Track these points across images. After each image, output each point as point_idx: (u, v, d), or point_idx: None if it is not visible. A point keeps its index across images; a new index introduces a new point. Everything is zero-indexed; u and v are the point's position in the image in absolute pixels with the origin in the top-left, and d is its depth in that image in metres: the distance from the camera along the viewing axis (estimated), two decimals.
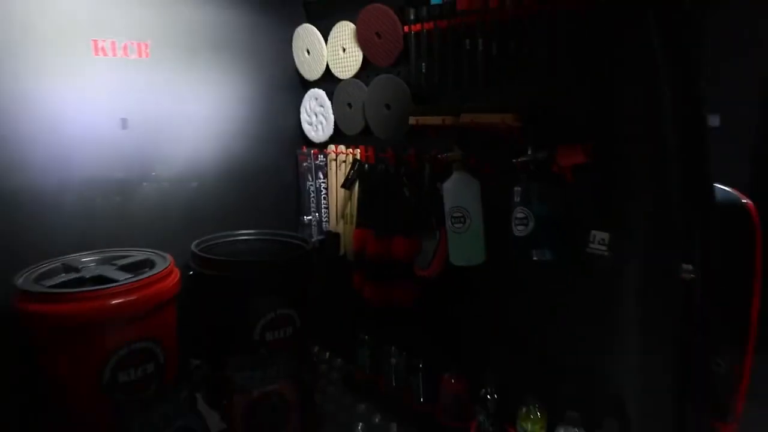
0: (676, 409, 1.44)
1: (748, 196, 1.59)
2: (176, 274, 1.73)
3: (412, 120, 1.87)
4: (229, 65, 2.23)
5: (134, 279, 1.57)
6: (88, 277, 1.59)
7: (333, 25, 2.13)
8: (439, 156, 1.80)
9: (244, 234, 2.25)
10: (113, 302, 1.49)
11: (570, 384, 1.64)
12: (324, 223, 2.40)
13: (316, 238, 2.40)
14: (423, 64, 1.83)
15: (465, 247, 1.73)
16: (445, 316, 1.97)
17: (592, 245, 1.52)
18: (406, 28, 1.85)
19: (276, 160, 2.43)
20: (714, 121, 5.42)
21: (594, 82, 1.50)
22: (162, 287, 1.62)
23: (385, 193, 2.01)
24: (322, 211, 2.40)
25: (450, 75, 1.77)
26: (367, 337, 2.18)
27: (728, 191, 1.46)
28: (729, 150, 5.06)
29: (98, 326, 1.48)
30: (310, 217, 2.45)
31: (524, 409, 1.63)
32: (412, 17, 1.82)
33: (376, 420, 1.98)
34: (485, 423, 1.74)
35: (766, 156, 5.51)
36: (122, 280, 1.55)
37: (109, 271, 1.63)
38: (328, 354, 2.47)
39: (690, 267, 1.36)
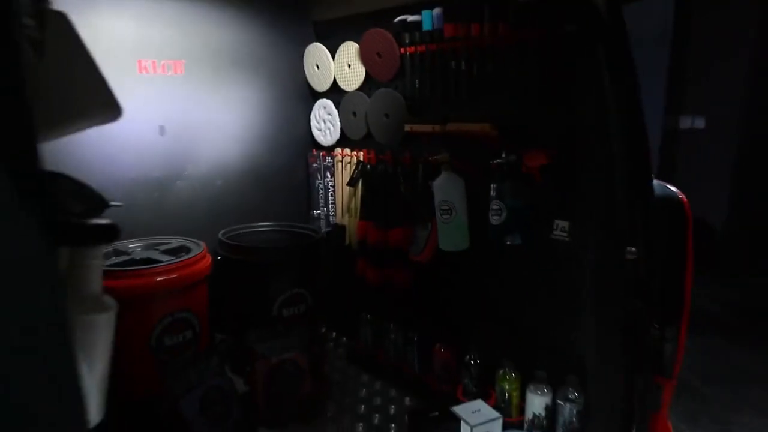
0: (624, 366, 1.57)
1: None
2: (209, 258, 1.94)
3: (407, 127, 2.02)
4: (250, 79, 2.37)
5: (175, 260, 1.80)
6: (137, 258, 1.83)
7: (339, 44, 2.25)
8: (430, 158, 1.93)
9: (263, 225, 2.39)
10: (159, 279, 1.73)
11: (538, 349, 1.79)
12: (331, 216, 2.51)
13: (324, 229, 2.49)
14: (416, 80, 1.99)
15: (452, 235, 1.89)
16: (436, 295, 2.11)
17: (555, 232, 1.70)
18: (402, 50, 1.99)
19: (289, 161, 2.55)
20: (699, 122, 5.62)
21: (555, 99, 1.65)
22: (197, 268, 1.86)
23: (385, 190, 2.15)
24: (330, 206, 2.51)
25: (438, 90, 1.92)
26: (369, 316, 2.28)
27: (667, 187, 1.60)
28: (713, 150, 5.20)
29: (148, 298, 1.72)
30: (319, 211, 2.55)
31: (501, 372, 1.81)
32: (407, 41, 1.96)
33: (378, 386, 2.15)
34: (470, 385, 1.90)
35: (748, 156, 5.62)
36: (166, 261, 1.79)
37: (154, 254, 1.87)
38: (334, 334, 2.60)
39: (633, 249, 1.49)
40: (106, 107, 0.91)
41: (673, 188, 1.61)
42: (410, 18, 1.93)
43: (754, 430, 2.94)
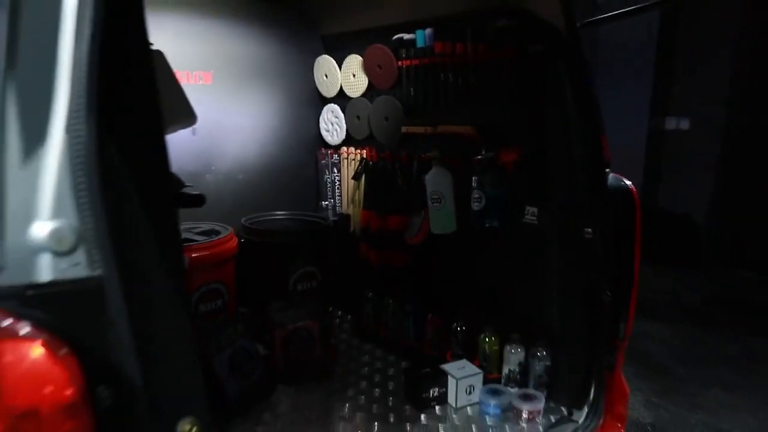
0: (584, 329, 1.80)
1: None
2: (235, 240, 2.21)
3: (403, 129, 2.23)
4: (267, 86, 2.58)
5: (208, 240, 2.08)
6: None
7: (345, 56, 2.46)
8: (423, 155, 2.13)
9: (279, 213, 2.58)
10: (195, 255, 1.99)
11: (514, 315, 2.01)
12: (338, 206, 2.70)
13: (331, 218, 2.68)
14: (411, 89, 2.19)
15: (441, 220, 2.08)
16: (428, 272, 2.29)
17: (526, 216, 1.90)
18: (399, 63, 2.19)
19: (301, 158, 2.74)
20: (684, 124, 5.96)
21: (526, 106, 1.86)
22: (227, 247, 2.12)
23: (384, 183, 2.33)
24: (336, 197, 2.69)
25: (430, 97, 2.13)
26: (370, 294, 2.46)
27: (621, 179, 1.80)
28: (697, 150, 5.50)
29: (188, 270, 1.94)
30: (327, 202, 2.74)
31: (483, 335, 2.02)
32: (403, 55, 2.17)
33: (378, 353, 2.37)
34: (457, 349, 2.13)
35: (730, 156, 5.92)
36: (200, 241, 2.06)
37: (190, 235, 2.12)
38: (340, 312, 2.78)
39: (590, 230, 1.73)
40: (188, 116, 1.24)
41: (626, 181, 1.82)
42: (406, 36, 2.15)
43: (720, 403, 3.24)
